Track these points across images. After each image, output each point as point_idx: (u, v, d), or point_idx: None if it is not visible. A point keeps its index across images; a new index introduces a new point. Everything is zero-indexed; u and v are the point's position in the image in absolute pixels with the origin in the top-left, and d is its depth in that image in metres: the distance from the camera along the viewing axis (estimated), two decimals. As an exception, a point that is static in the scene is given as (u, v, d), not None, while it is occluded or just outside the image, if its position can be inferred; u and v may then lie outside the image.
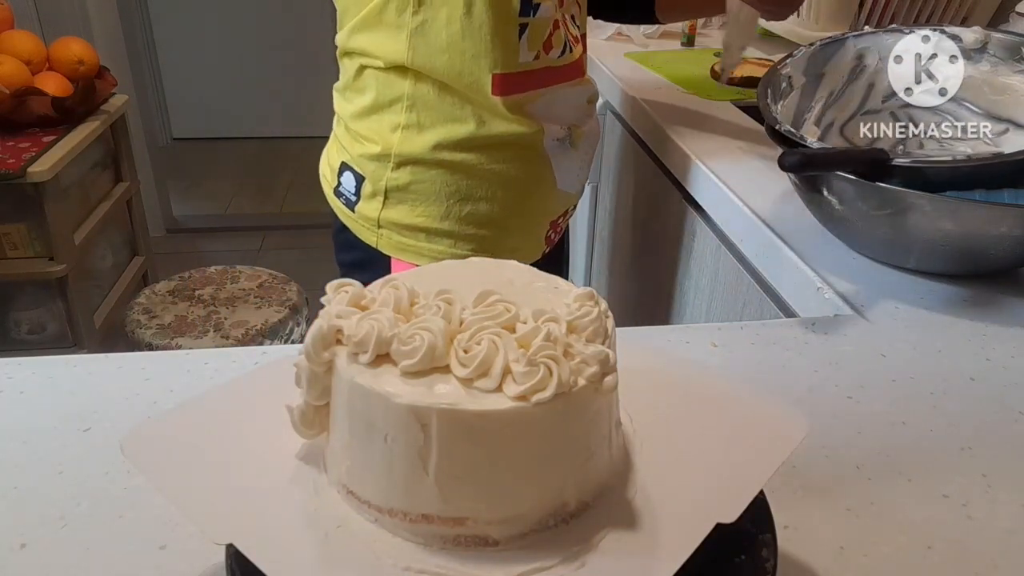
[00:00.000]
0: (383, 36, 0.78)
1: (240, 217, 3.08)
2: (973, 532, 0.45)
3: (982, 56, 0.81)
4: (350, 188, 0.87)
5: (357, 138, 0.86)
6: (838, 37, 0.87)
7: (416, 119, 0.81)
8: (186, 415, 0.41)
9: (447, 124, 0.81)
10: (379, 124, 0.83)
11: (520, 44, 0.79)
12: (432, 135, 0.81)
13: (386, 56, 0.79)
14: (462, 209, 0.85)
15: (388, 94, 0.81)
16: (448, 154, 0.82)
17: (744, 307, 0.88)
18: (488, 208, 0.86)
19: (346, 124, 0.87)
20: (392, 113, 0.82)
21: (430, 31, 0.77)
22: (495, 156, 0.84)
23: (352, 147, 0.86)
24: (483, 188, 0.85)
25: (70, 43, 1.77)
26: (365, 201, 0.86)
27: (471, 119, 0.81)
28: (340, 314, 0.35)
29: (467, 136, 0.81)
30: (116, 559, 0.41)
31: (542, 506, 0.34)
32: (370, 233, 0.87)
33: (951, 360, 0.61)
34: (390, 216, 0.85)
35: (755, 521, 0.37)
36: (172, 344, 1.55)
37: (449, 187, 0.84)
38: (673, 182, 1.07)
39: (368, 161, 0.84)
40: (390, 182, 0.83)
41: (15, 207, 1.59)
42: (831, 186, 0.70)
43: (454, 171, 0.83)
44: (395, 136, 0.82)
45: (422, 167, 0.83)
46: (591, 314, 0.35)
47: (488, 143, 0.82)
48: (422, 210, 0.84)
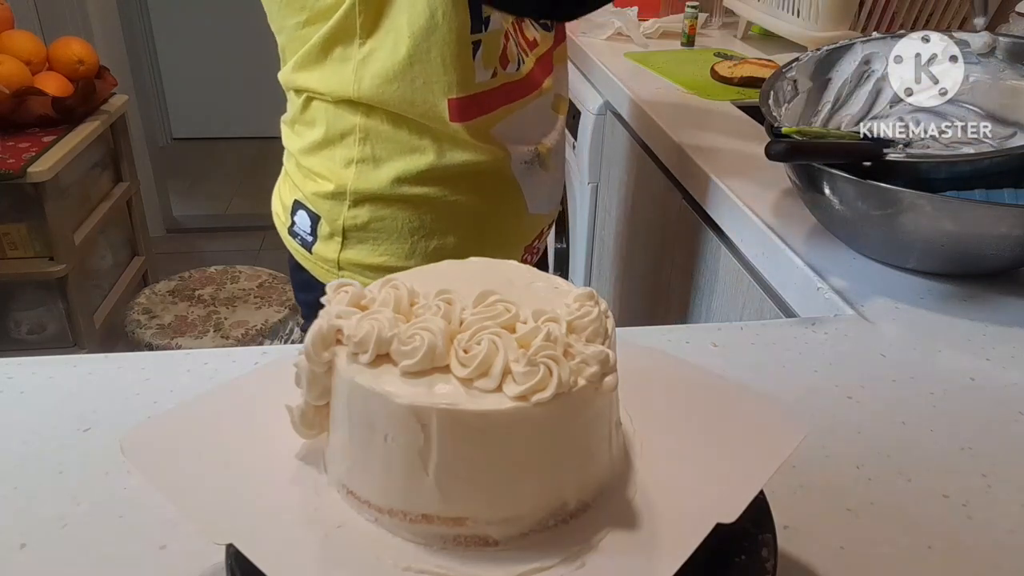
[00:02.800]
0: (328, 71, 0.74)
1: (240, 217, 3.08)
2: (973, 532, 0.45)
3: (990, 60, 0.81)
4: (305, 228, 0.81)
5: (309, 175, 0.80)
6: (846, 43, 0.87)
7: (371, 152, 0.76)
8: (186, 415, 0.41)
9: (405, 156, 0.76)
10: (331, 160, 0.77)
11: (476, 63, 0.73)
12: (390, 169, 0.76)
13: (333, 91, 0.74)
14: (428, 245, 0.79)
15: (339, 127, 0.76)
16: (408, 188, 0.76)
17: (744, 307, 0.88)
18: (456, 241, 0.80)
19: (296, 160, 0.81)
20: (344, 147, 0.76)
21: (376, 60, 0.71)
22: (459, 187, 0.78)
23: (304, 185, 0.81)
24: (448, 221, 0.79)
25: (70, 43, 1.77)
26: (322, 242, 0.80)
27: (430, 149, 0.76)
28: (340, 314, 0.35)
29: (427, 167, 0.76)
30: (116, 559, 0.41)
31: (542, 506, 0.34)
32: (329, 275, 0.81)
33: (951, 360, 0.61)
34: (350, 257, 0.79)
35: (755, 521, 0.37)
36: (172, 344, 1.55)
37: (412, 223, 0.78)
38: (673, 182, 1.07)
39: (322, 200, 0.79)
40: (348, 221, 0.78)
41: (15, 207, 1.59)
42: (831, 186, 0.70)
43: (416, 206, 0.78)
44: (349, 172, 0.76)
45: (381, 204, 0.77)
46: (591, 314, 0.35)
47: (450, 173, 0.77)
48: (384, 248, 0.79)
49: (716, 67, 1.30)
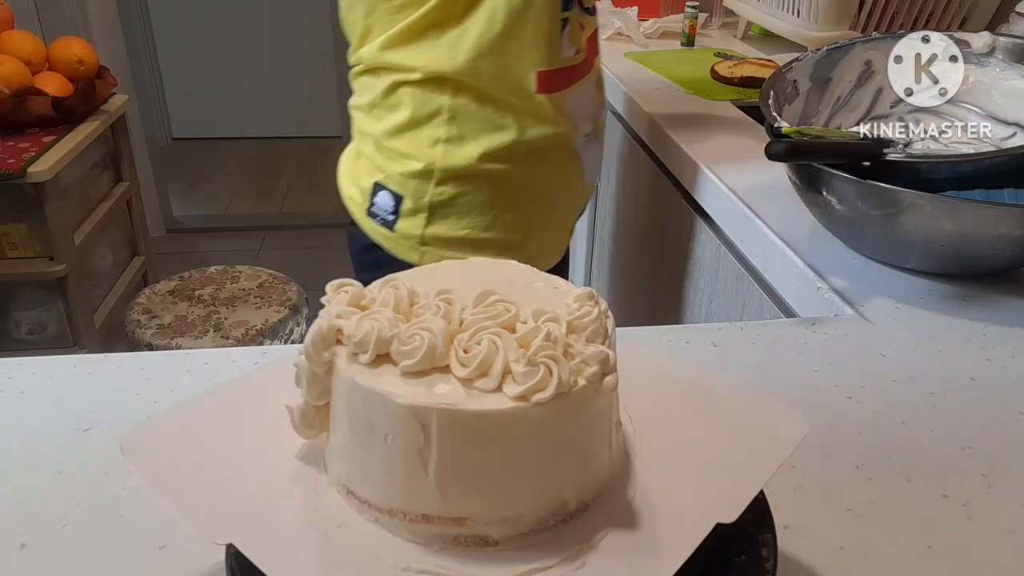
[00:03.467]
0: (422, 48, 0.78)
1: (240, 217, 3.08)
2: (973, 532, 0.45)
3: (990, 60, 0.81)
4: (387, 208, 0.86)
5: (393, 156, 0.84)
6: (845, 43, 0.87)
7: (457, 132, 0.81)
8: (186, 415, 0.41)
9: (489, 134, 0.81)
10: (417, 140, 0.82)
11: (563, 39, 0.80)
12: (475, 146, 0.81)
13: (426, 67, 0.78)
14: (506, 217, 0.85)
15: (426, 108, 0.80)
16: (492, 164, 0.82)
17: (744, 307, 0.88)
18: (529, 213, 0.87)
19: (377, 142, 0.85)
20: (431, 127, 0.81)
21: (471, 36, 0.76)
22: (535, 161, 0.84)
23: (388, 165, 0.85)
24: (524, 193, 0.86)
25: (70, 43, 1.77)
26: (406, 219, 0.85)
27: (513, 126, 0.81)
28: (340, 314, 0.35)
29: (511, 143, 0.82)
30: (116, 559, 0.41)
31: (542, 506, 0.34)
32: (412, 251, 0.86)
33: (951, 360, 0.61)
34: (434, 232, 0.84)
35: (755, 521, 0.37)
36: (172, 344, 1.55)
37: (493, 196, 0.84)
38: (673, 182, 1.07)
39: (409, 179, 0.83)
40: (434, 198, 0.83)
41: (15, 207, 1.59)
42: (831, 186, 0.70)
43: (498, 180, 0.83)
44: (436, 151, 0.81)
45: (466, 180, 0.82)
46: (591, 314, 0.35)
47: (529, 148, 0.83)
48: (467, 222, 0.84)
49: (716, 67, 1.30)
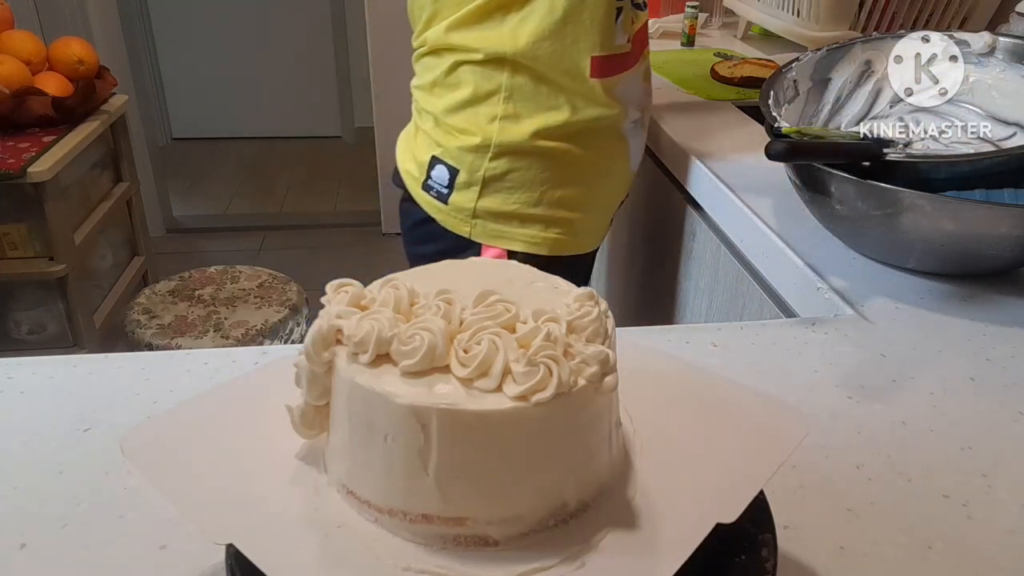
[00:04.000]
0: (486, 30, 0.84)
1: (240, 217, 3.08)
2: (973, 532, 0.45)
3: (989, 60, 0.81)
4: (442, 181, 0.91)
5: (451, 132, 0.89)
6: (845, 43, 0.87)
7: (513, 109, 0.86)
8: (186, 415, 0.41)
9: (543, 113, 0.86)
10: (475, 116, 0.87)
11: (617, 27, 0.85)
12: (530, 124, 0.86)
13: (487, 48, 0.84)
14: (554, 194, 0.90)
15: (485, 87, 0.86)
16: (544, 142, 0.87)
17: (744, 307, 0.88)
18: (575, 192, 0.91)
19: (436, 119, 0.91)
20: (489, 105, 0.87)
21: (532, 21, 0.82)
22: (585, 141, 0.89)
23: (446, 140, 0.90)
24: (572, 173, 0.90)
25: (70, 43, 1.77)
26: (459, 192, 0.90)
27: (565, 107, 0.86)
28: (340, 314, 0.35)
29: (563, 123, 0.87)
30: (116, 559, 0.41)
31: (542, 506, 0.34)
32: (463, 224, 0.91)
33: (951, 360, 0.61)
34: (486, 205, 0.89)
35: (755, 521, 0.37)
36: (172, 344, 1.55)
37: (543, 173, 0.88)
38: (673, 182, 1.07)
39: (466, 153, 0.88)
40: (488, 172, 0.88)
41: (15, 207, 1.59)
42: (831, 186, 0.70)
43: (548, 158, 0.88)
44: (493, 127, 0.87)
45: (519, 156, 0.87)
46: (591, 314, 0.35)
47: (579, 129, 0.88)
48: (517, 197, 0.89)
49: (716, 67, 1.30)
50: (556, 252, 0.92)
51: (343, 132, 3.81)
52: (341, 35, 3.58)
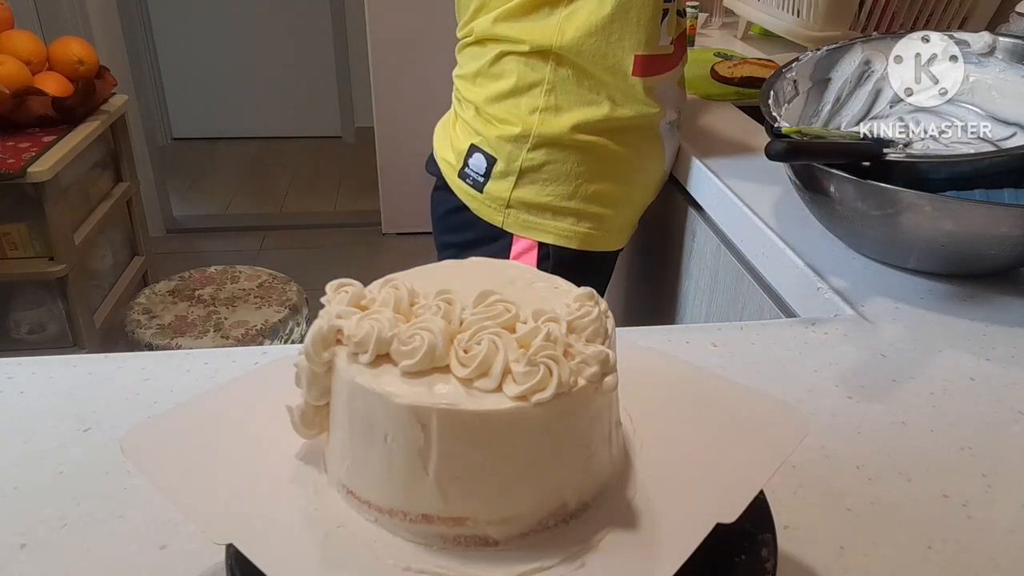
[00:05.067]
0: (533, 23, 0.85)
1: (240, 217, 3.08)
2: (973, 532, 0.45)
3: (989, 60, 0.81)
4: (479, 169, 0.92)
5: (492, 121, 0.90)
6: (845, 43, 0.87)
7: (555, 102, 0.87)
8: (186, 415, 0.41)
9: (583, 107, 0.87)
10: (517, 107, 0.88)
11: (662, 28, 0.86)
12: (570, 117, 0.87)
13: (534, 41, 0.85)
14: (588, 188, 0.90)
15: (529, 78, 0.87)
16: (582, 136, 0.88)
17: (744, 307, 0.88)
18: (609, 188, 0.92)
19: (478, 108, 0.92)
20: (531, 96, 0.88)
21: (580, 17, 0.83)
22: (622, 138, 0.90)
23: (487, 129, 0.91)
24: (608, 168, 0.91)
25: (70, 43, 1.77)
26: (495, 181, 0.91)
27: (605, 102, 0.87)
28: (340, 314, 0.35)
29: (602, 118, 0.87)
30: (116, 559, 0.41)
31: (542, 506, 0.34)
32: (496, 213, 0.92)
33: (951, 360, 0.61)
34: (521, 195, 0.90)
35: (755, 521, 0.37)
36: (172, 344, 1.55)
37: (579, 167, 0.89)
38: (673, 182, 1.07)
39: (505, 142, 0.89)
40: (525, 162, 0.89)
41: (15, 207, 1.59)
42: (831, 186, 0.70)
43: (585, 152, 0.89)
44: (534, 118, 0.88)
45: (557, 148, 0.88)
46: (591, 314, 0.35)
47: (618, 126, 0.89)
48: (551, 189, 0.90)
49: (716, 67, 1.30)
50: (586, 247, 0.93)
51: (343, 132, 3.81)
52: (341, 35, 3.58)
